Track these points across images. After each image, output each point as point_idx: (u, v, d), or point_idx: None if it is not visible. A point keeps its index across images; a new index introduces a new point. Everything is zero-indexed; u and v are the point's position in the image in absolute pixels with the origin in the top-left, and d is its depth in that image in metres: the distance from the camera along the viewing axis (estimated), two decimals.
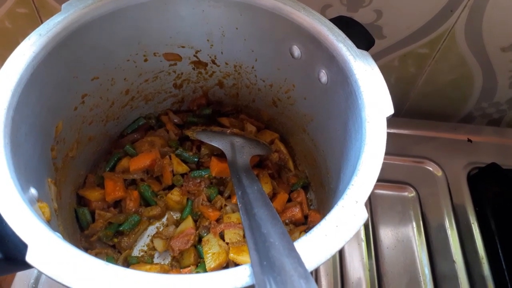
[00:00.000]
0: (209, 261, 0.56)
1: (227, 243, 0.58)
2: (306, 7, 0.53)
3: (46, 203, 0.45)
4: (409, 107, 0.92)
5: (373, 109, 0.45)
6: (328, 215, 0.38)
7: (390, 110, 0.45)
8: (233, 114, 0.73)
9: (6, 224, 0.36)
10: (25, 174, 0.43)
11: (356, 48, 0.49)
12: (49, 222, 0.45)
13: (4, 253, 0.36)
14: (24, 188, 0.41)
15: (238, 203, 0.43)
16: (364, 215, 0.37)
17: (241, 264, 0.55)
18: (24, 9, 0.75)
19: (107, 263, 0.34)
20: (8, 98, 0.42)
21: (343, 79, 0.49)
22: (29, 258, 0.34)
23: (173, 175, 0.66)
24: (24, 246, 0.35)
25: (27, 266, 0.35)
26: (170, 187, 0.66)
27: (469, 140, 0.86)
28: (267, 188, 0.63)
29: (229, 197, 0.65)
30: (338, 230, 0.36)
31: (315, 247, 0.35)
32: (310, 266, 0.34)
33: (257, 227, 0.38)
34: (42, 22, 0.77)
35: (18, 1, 0.73)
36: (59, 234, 0.40)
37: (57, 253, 0.35)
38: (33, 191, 0.44)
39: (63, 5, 0.50)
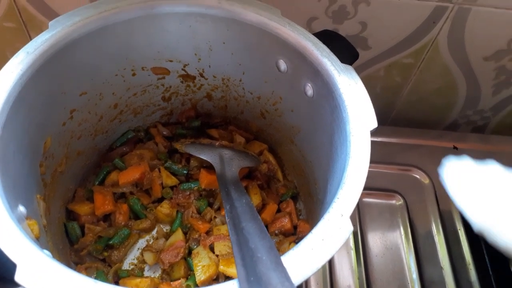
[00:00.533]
0: (199, 274, 0.56)
1: (217, 255, 0.58)
2: (291, 23, 0.54)
3: (35, 220, 0.45)
4: (395, 116, 0.94)
5: (357, 122, 0.46)
6: (314, 229, 0.38)
7: (374, 124, 0.46)
8: (222, 126, 0.74)
9: None
10: (13, 191, 0.43)
11: (340, 62, 0.50)
12: (38, 239, 0.45)
13: None
14: (12, 206, 0.41)
15: (226, 218, 0.44)
16: (349, 228, 0.38)
17: (231, 276, 0.56)
18: (11, 23, 0.75)
19: (95, 280, 0.35)
20: None
21: (328, 93, 0.50)
22: (18, 277, 0.34)
23: (163, 187, 0.66)
24: (13, 266, 0.35)
25: (16, 285, 0.35)
26: (160, 200, 0.66)
27: (455, 148, 0.88)
28: (256, 199, 0.64)
29: (219, 209, 0.65)
30: (324, 243, 0.37)
31: (302, 261, 0.36)
32: (296, 280, 0.35)
33: (245, 241, 0.39)
34: (30, 36, 0.78)
35: (6, 15, 0.74)
36: (48, 252, 0.40)
37: (46, 272, 0.35)
38: (21, 208, 0.44)
39: (50, 23, 0.50)
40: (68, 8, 0.71)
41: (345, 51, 0.54)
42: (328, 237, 0.37)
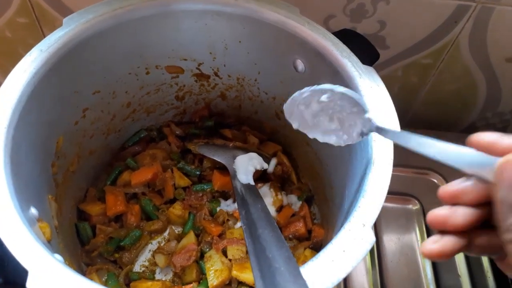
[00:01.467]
0: (212, 278, 0.55)
1: (230, 260, 0.57)
2: (310, 21, 0.52)
3: (46, 223, 0.44)
4: (412, 117, 0.91)
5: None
6: (335, 239, 0.37)
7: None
8: (235, 126, 0.72)
9: (6, 248, 0.36)
10: (25, 193, 0.42)
11: (361, 64, 0.49)
12: (49, 242, 0.44)
13: (4, 277, 0.36)
14: (24, 208, 0.40)
15: (242, 225, 0.43)
16: (371, 239, 0.37)
17: (244, 282, 0.55)
18: (24, 19, 0.74)
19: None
20: (9, 117, 0.42)
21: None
22: (29, 284, 0.33)
23: (175, 188, 0.65)
24: (25, 272, 0.34)
25: None
26: (172, 201, 0.65)
27: None
28: (278, 202, 0.63)
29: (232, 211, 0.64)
30: (345, 255, 0.36)
31: (322, 273, 0.35)
32: None
33: (261, 250, 0.38)
34: (42, 32, 0.77)
35: (19, 11, 0.73)
36: (60, 257, 0.40)
37: (57, 280, 0.34)
38: (33, 210, 0.43)
39: (64, 20, 0.49)
40: (81, 3, 0.71)
41: (366, 52, 0.52)
42: (350, 248, 0.36)
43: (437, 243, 0.30)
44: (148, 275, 0.59)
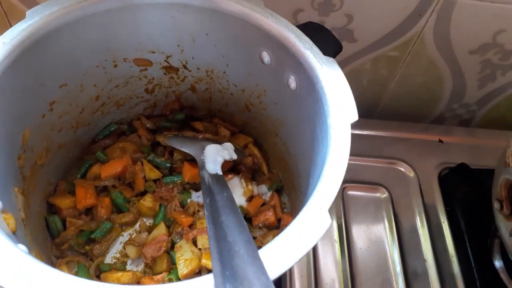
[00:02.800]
0: (182, 268, 0.56)
1: (200, 249, 0.58)
2: (274, 14, 0.53)
3: (11, 214, 0.44)
4: (382, 109, 0.93)
5: (338, 115, 0.45)
6: (293, 222, 0.38)
7: (355, 117, 0.46)
8: (206, 119, 0.73)
9: None
10: None
11: (323, 55, 0.50)
12: (14, 234, 0.44)
13: None
14: None
15: (205, 211, 0.44)
16: (327, 221, 0.38)
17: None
18: None
19: (71, 276, 0.34)
20: None
21: (310, 86, 0.50)
22: None
23: (145, 181, 0.65)
24: None
25: None
26: (143, 193, 0.66)
27: (440, 141, 0.88)
28: (248, 192, 0.64)
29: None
30: (302, 236, 0.37)
31: (279, 254, 0.36)
32: (273, 274, 0.34)
33: (223, 235, 0.39)
34: (10, 25, 0.76)
35: None
36: (24, 247, 0.40)
37: (21, 269, 0.34)
38: None
39: (27, 12, 0.49)
40: None
41: (329, 44, 0.54)
42: (306, 230, 0.37)
43: None
44: (119, 267, 0.60)
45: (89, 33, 0.54)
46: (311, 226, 0.37)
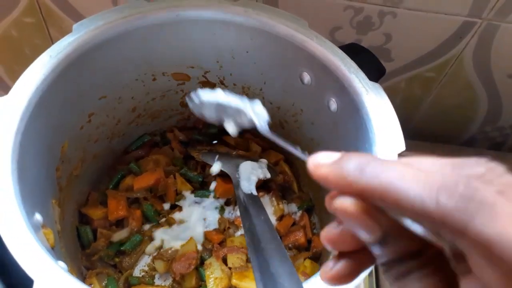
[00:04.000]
0: (211, 286, 0.56)
1: (230, 268, 0.57)
2: (319, 36, 0.52)
3: (50, 229, 0.44)
4: (413, 129, 0.92)
5: (384, 144, 0.44)
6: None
7: (402, 147, 0.45)
8: (238, 133, 0.72)
9: (11, 255, 0.36)
10: (30, 199, 0.42)
11: (368, 80, 0.49)
12: (53, 249, 0.44)
13: (9, 285, 0.36)
14: (29, 214, 0.40)
15: (246, 238, 0.43)
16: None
17: None
18: (31, 19, 0.74)
19: None
20: (17, 123, 0.42)
21: (353, 111, 0.49)
22: None
23: (177, 194, 0.65)
24: (29, 280, 0.35)
25: None
26: (173, 207, 0.66)
27: None
28: (279, 211, 0.63)
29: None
30: None
31: None
32: None
33: (265, 265, 0.38)
34: (49, 32, 0.77)
35: (26, 11, 0.73)
36: (63, 265, 0.40)
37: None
38: (38, 216, 0.43)
39: (74, 26, 0.50)
40: (89, 5, 0.71)
41: (372, 67, 0.53)
42: None
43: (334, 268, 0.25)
44: (148, 280, 0.60)
45: (132, 48, 0.54)
46: None
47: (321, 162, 0.23)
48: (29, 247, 0.36)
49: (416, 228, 0.20)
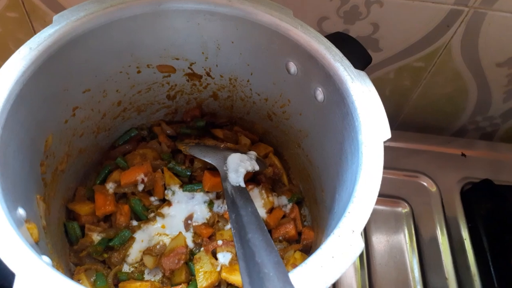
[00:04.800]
0: (201, 280, 0.55)
1: (219, 262, 0.57)
2: (304, 24, 0.52)
3: (34, 223, 0.44)
4: (403, 120, 0.92)
5: (370, 132, 0.44)
6: (324, 244, 0.37)
7: (387, 135, 0.44)
8: (227, 126, 0.72)
9: None
10: (13, 193, 0.42)
11: (354, 68, 0.49)
12: (37, 243, 0.43)
13: None
14: (11, 209, 0.40)
15: (232, 229, 0.42)
16: (360, 245, 0.37)
17: (233, 284, 0.55)
18: (14, 13, 0.73)
19: None
20: None
21: (339, 99, 0.49)
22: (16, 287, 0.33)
23: (165, 188, 0.65)
24: (12, 274, 0.34)
25: None
26: (162, 201, 0.65)
27: (463, 155, 0.86)
28: (269, 204, 0.63)
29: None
30: (334, 261, 0.36)
31: (310, 279, 0.35)
32: None
33: (251, 255, 0.38)
34: (33, 27, 0.76)
35: (9, 5, 0.72)
36: (47, 259, 0.39)
37: (46, 283, 0.34)
38: (21, 211, 0.42)
39: (54, 17, 0.49)
40: (72, 0, 0.70)
41: (359, 56, 0.52)
42: (338, 254, 0.36)
43: None
44: (137, 276, 0.59)
45: (114, 39, 0.53)
46: (343, 249, 0.36)
47: None
48: (11, 242, 0.36)
49: None
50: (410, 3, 0.67)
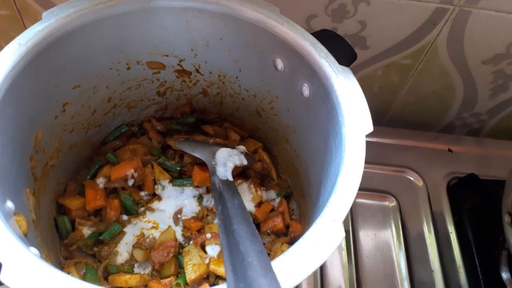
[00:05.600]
0: (190, 272, 0.56)
1: (208, 254, 0.58)
2: (290, 21, 0.53)
3: (23, 216, 0.45)
4: (391, 116, 0.93)
5: (352, 126, 0.45)
6: (306, 234, 0.38)
7: (370, 128, 0.45)
8: (217, 122, 0.73)
9: None
10: (1, 187, 0.43)
11: (338, 64, 0.50)
12: (26, 236, 0.44)
13: None
14: (0, 202, 0.40)
15: (218, 220, 0.43)
16: (341, 234, 0.38)
17: (221, 276, 0.56)
18: (5, 11, 0.74)
19: (81, 281, 0.34)
20: None
21: (324, 95, 0.50)
22: (3, 277, 0.34)
23: (155, 183, 0.65)
24: None
25: (0, 284, 0.34)
26: (152, 195, 0.66)
27: (450, 150, 0.88)
28: (257, 198, 0.64)
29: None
30: (315, 249, 0.37)
31: (292, 267, 0.36)
32: (286, 286, 0.34)
33: (235, 244, 0.39)
34: (24, 25, 0.76)
35: (0, 3, 0.72)
36: (35, 250, 0.40)
37: (32, 272, 0.34)
38: (9, 204, 0.43)
39: (43, 14, 0.49)
40: None
41: (344, 52, 0.53)
42: (320, 243, 0.37)
43: None
44: (127, 269, 0.60)
45: (104, 36, 0.54)
46: (324, 238, 0.37)
47: None
48: None
49: None
50: (397, 2, 0.68)
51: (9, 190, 0.45)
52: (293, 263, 0.36)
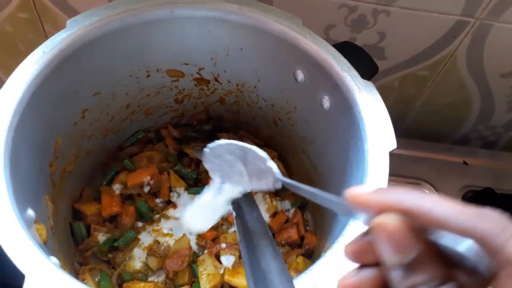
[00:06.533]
0: (204, 282, 0.56)
1: (223, 264, 0.58)
2: (312, 33, 0.52)
3: (43, 224, 0.45)
4: (407, 127, 0.93)
5: (376, 142, 0.45)
6: (329, 252, 0.38)
7: (393, 145, 0.45)
8: (232, 130, 0.73)
9: (3, 251, 0.36)
10: (23, 194, 0.43)
11: (361, 78, 0.49)
12: (45, 244, 0.44)
13: (1, 280, 0.36)
14: (21, 210, 0.40)
15: (238, 234, 0.43)
16: None
17: (236, 287, 0.56)
18: (25, 14, 0.74)
19: None
20: (9, 119, 0.42)
21: (346, 108, 0.49)
22: None
23: (171, 191, 0.65)
24: (21, 275, 0.35)
25: None
26: (167, 203, 0.66)
27: (465, 163, 0.87)
28: (272, 208, 0.64)
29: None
30: (338, 269, 0.36)
31: (315, 286, 0.35)
32: None
33: (256, 261, 0.38)
34: (43, 28, 0.77)
35: (20, 6, 0.73)
36: (56, 260, 0.40)
37: (54, 284, 0.34)
38: (30, 212, 0.43)
39: (68, 22, 0.50)
40: (83, 1, 0.71)
41: (365, 65, 0.53)
42: (343, 262, 0.37)
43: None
44: (141, 277, 0.60)
45: (126, 44, 0.54)
46: None
47: (361, 192, 0.25)
48: (21, 243, 0.36)
49: (456, 243, 0.21)
50: (417, 13, 0.68)
51: (30, 197, 0.45)
52: (316, 282, 0.35)
